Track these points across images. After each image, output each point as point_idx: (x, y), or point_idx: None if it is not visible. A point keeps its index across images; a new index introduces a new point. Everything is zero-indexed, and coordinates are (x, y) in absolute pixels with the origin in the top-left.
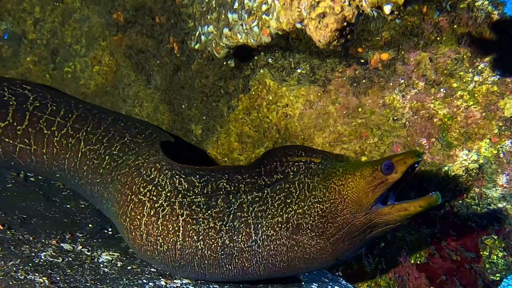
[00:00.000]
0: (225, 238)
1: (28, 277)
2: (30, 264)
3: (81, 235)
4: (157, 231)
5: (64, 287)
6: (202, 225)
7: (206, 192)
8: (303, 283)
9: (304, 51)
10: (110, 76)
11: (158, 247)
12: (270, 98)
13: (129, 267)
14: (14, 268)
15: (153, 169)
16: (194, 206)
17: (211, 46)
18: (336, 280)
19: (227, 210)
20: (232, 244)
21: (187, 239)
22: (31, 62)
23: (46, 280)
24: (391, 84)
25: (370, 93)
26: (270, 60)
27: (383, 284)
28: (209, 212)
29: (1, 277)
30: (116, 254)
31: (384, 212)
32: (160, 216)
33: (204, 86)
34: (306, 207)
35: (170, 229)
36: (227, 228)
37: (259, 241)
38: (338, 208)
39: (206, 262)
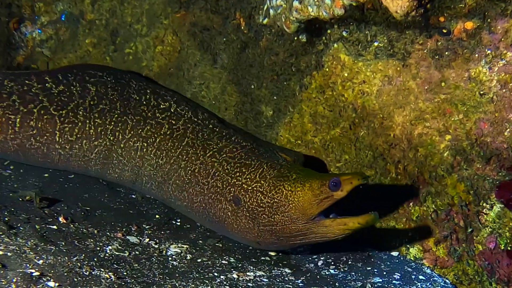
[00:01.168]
0: (197, 166)
1: (93, 272)
2: (95, 259)
3: (148, 226)
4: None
5: (131, 282)
6: (194, 149)
7: (211, 128)
8: (384, 272)
9: (381, 23)
10: (174, 56)
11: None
12: (345, 74)
13: (199, 260)
14: (79, 264)
15: None
16: (200, 134)
17: (281, 21)
18: (420, 269)
19: (214, 146)
20: (196, 174)
21: (179, 156)
22: (90, 44)
23: (112, 276)
24: (476, 55)
25: (453, 66)
26: (344, 34)
27: (471, 272)
28: (203, 141)
29: (65, 274)
30: (185, 246)
31: (325, 224)
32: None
33: (274, 64)
34: (250, 188)
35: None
36: (202, 159)
37: (209, 185)
38: (279, 209)
39: (177, 182)
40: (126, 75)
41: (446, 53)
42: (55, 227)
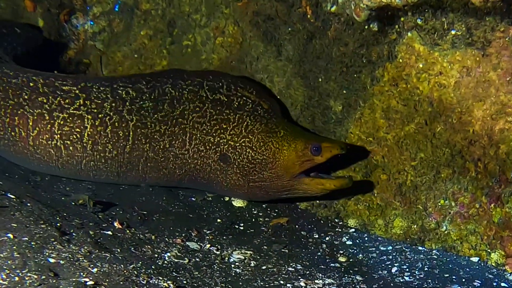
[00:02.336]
0: (166, 142)
1: (151, 281)
2: (153, 267)
3: (209, 231)
4: (105, 139)
5: None
6: (150, 128)
7: (153, 98)
8: (463, 280)
9: (459, 9)
10: (235, 48)
11: (107, 154)
12: (420, 65)
13: (263, 267)
14: (135, 272)
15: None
16: (142, 111)
17: (350, 8)
18: (503, 276)
19: (171, 114)
20: (170, 149)
21: (136, 142)
22: (146, 36)
23: (171, 284)
24: None
25: None
26: (419, 21)
27: None
28: (155, 116)
29: (121, 283)
30: (248, 252)
31: (305, 182)
32: (108, 125)
33: (343, 55)
34: (238, 144)
35: (120, 135)
36: (169, 132)
37: (190, 152)
38: (267, 165)
39: (149, 164)
40: None
41: None
42: (110, 232)
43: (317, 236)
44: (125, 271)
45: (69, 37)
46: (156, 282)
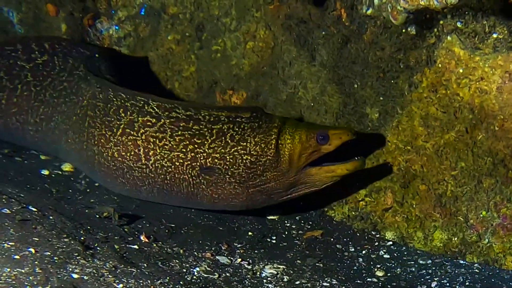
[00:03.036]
0: (114, 150)
1: None
2: (181, 282)
3: (239, 245)
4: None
5: None
6: (97, 129)
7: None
8: None
9: (500, 12)
10: (267, 53)
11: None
12: (461, 70)
13: (297, 282)
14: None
15: None
16: (96, 109)
17: (387, 11)
18: None
19: (117, 122)
20: (120, 159)
21: (87, 141)
22: (173, 41)
23: None
24: None
25: None
26: (459, 24)
27: None
28: (103, 118)
29: None
30: (281, 266)
31: (311, 172)
32: None
33: (380, 60)
34: (227, 154)
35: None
36: (115, 140)
37: (150, 167)
38: (271, 165)
39: (102, 169)
40: None
41: None
42: (136, 246)
43: (353, 249)
44: (152, 287)
45: (93, 43)
46: None
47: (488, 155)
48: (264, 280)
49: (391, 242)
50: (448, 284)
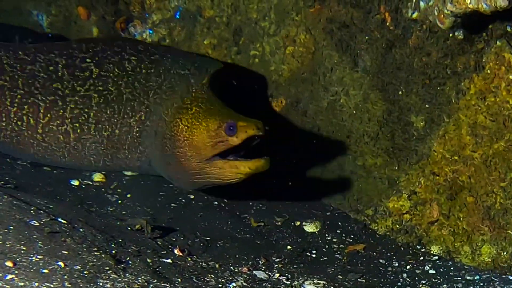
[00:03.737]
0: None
1: None
2: None
3: (278, 259)
4: None
5: None
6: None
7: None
8: None
9: None
10: (307, 58)
11: None
12: (511, 77)
13: None
14: None
15: None
16: None
17: (433, 14)
18: None
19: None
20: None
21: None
22: (210, 45)
23: None
24: None
25: None
26: (508, 29)
27: None
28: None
29: None
30: (321, 282)
31: (218, 165)
32: None
33: (426, 66)
34: (167, 119)
35: None
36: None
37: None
38: (176, 143)
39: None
40: None
41: None
42: (169, 260)
43: (397, 264)
44: None
45: None
46: None
47: None
48: None
49: (436, 257)
50: None
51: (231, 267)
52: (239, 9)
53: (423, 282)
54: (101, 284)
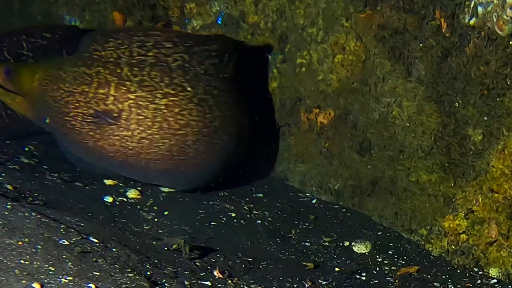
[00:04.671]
0: None
1: None
2: None
3: (325, 282)
4: None
5: None
6: None
7: None
8: None
9: None
10: (358, 67)
11: None
12: None
13: None
14: None
15: None
16: None
17: (492, 21)
18: None
19: None
20: None
21: None
22: None
23: None
24: None
25: None
26: None
27: None
28: None
29: None
30: None
31: None
32: None
33: (484, 76)
34: None
35: None
36: None
37: None
38: None
39: None
40: None
41: None
42: (208, 283)
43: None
44: None
45: None
46: None
47: None
48: None
49: (495, 280)
50: None
51: None
52: (285, 14)
53: None
54: None
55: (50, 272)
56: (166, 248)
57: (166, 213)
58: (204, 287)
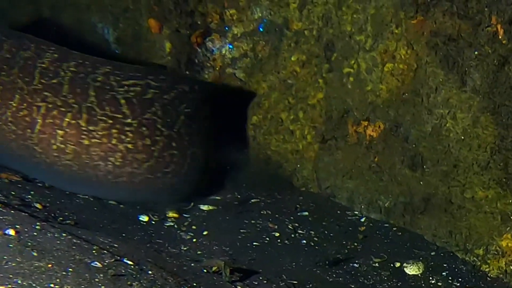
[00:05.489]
0: None
1: None
2: None
3: None
4: None
5: None
6: None
7: None
8: None
9: None
10: (409, 77)
11: None
12: None
13: None
14: None
15: None
16: None
17: None
18: None
19: None
20: None
21: None
22: (298, 62)
23: None
24: None
25: None
26: None
27: None
28: None
29: None
30: None
31: None
32: None
33: None
34: None
35: None
36: None
37: None
38: None
39: None
40: None
41: None
42: None
43: None
44: None
45: (203, 64)
46: None
47: None
48: None
49: None
50: None
51: None
52: (331, 21)
53: None
54: None
55: None
56: (205, 271)
57: (205, 233)
58: None
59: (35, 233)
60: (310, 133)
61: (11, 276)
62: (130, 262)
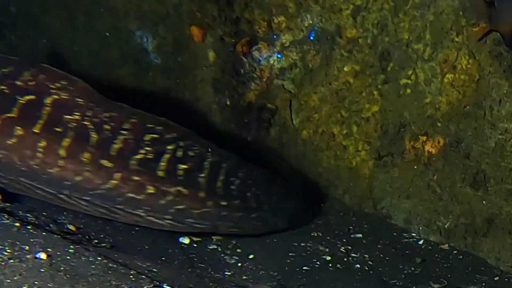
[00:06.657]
0: None
1: None
2: None
3: None
4: None
5: None
6: None
7: None
8: None
9: None
10: (470, 88)
11: None
12: None
13: None
14: None
15: None
16: None
17: None
18: None
19: None
20: None
21: None
22: (351, 73)
23: None
24: None
25: None
26: None
27: None
28: None
29: None
30: None
31: None
32: None
33: None
34: None
35: None
36: None
37: None
38: None
39: None
40: None
41: None
42: None
43: None
44: None
45: (249, 75)
46: None
47: None
48: None
49: None
50: None
51: None
52: (387, 28)
53: None
54: None
55: None
56: None
57: (251, 256)
58: None
59: (68, 257)
60: (364, 149)
61: None
62: None
